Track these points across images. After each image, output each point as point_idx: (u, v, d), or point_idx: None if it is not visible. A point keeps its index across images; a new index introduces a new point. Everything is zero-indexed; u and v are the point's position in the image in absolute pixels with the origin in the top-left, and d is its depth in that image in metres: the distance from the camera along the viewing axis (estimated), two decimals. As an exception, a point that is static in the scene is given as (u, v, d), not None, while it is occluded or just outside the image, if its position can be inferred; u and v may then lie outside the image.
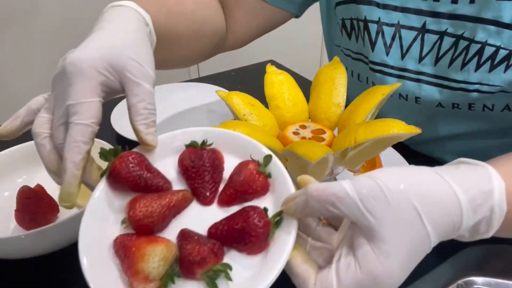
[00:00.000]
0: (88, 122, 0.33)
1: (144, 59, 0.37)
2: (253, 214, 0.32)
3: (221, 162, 0.37)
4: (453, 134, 0.59)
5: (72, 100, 0.33)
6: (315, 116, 0.54)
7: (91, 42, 0.36)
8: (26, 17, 1.18)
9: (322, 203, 0.30)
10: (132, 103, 0.35)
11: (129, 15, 0.41)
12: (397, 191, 0.29)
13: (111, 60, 0.35)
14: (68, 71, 0.34)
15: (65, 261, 0.48)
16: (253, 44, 0.70)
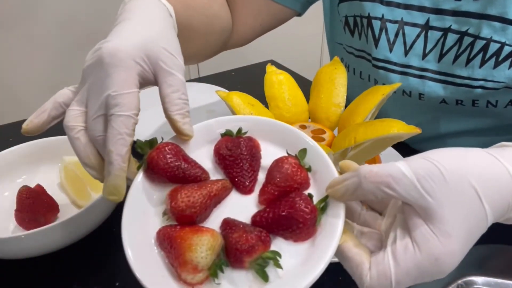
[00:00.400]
0: (130, 114, 0.32)
1: (176, 49, 0.37)
2: (299, 200, 0.31)
3: (258, 150, 0.36)
4: (455, 132, 0.59)
5: (112, 91, 0.32)
6: (315, 116, 0.54)
7: (124, 32, 0.35)
8: (26, 17, 1.18)
9: (377, 185, 0.29)
10: (166, 93, 0.34)
11: (154, 5, 0.41)
12: (455, 171, 0.28)
13: (146, 49, 0.34)
14: (105, 61, 0.33)
15: (65, 261, 0.48)
16: (253, 44, 0.70)
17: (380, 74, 0.59)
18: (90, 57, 0.34)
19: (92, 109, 0.33)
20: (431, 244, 0.28)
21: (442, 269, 0.28)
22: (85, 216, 0.46)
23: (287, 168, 0.34)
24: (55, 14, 1.21)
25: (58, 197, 0.53)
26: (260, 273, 0.30)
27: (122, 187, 0.33)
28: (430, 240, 0.28)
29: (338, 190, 0.31)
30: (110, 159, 0.32)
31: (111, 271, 0.46)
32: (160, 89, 0.35)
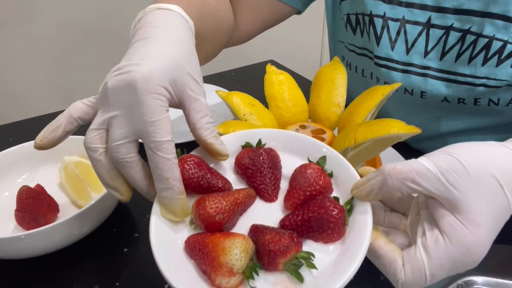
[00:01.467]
0: (170, 138, 0.32)
1: (199, 73, 0.37)
2: (327, 201, 0.32)
3: (278, 160, 0.38)
4: (456, 130, 0.59)
5: (149, 118, 0.32)
6: (315, 116, 0.54)
7: (152, 54, 0.34)
8: (26, 17, 1.18)
9: (402, 180, 0.29)
10: (196, 119, 0.35)
11: (178, 22, 0.39)
12: (476, 164, 0.29)
13: (174, 76, 0.34)
14: (139, 87, 0.32)
15: (65, 261, 0.48)
16: (253, 44, 0.70)
17: (382, 72, 0.59)
18: (115, 78, 0.33)
19: (119, 133, 0.33)
20: (461, 233, 0.29)
21: (474, 258, 0.29)
22: (85, 216, 0.46)
23: (311, 173, 0.34)
24: (55, 14, 1.21)
25: (58, 197, 0.53)
26: (295, 274, 0.30)
27: (187, 207, 0.33)
28: (459, 230, 0.29)
29: (363, 190, 0.32)
30: (169, 186, 0.32)
31: (111, 271, 0.46)
32: (189, 115, 0.35)
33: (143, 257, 0.48)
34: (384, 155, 0.55)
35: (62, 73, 1.29)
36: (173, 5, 0.40)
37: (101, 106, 0.34)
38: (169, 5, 0.40)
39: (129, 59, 0.34)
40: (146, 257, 0.48)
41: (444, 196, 0.29)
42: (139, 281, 0.45)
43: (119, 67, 0.33)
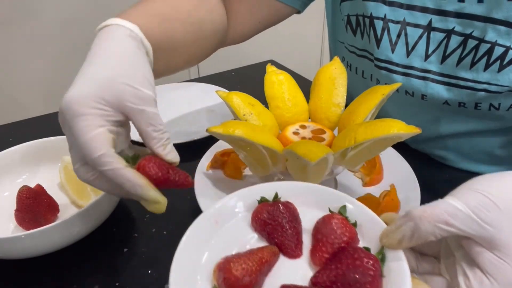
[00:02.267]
0: (102, 152, 0.34)
1: (141, 80, 0.37)
2: (360, 253, 0.31)
3: (297, 213, 0.36)
4: (456, 133, 0.59)
5: (79, 140, 0.34)
6: (315, 116, 0.54)
7: (82, 78, 0.36)
8: (26, 17, 1.18)
9: (434, 224, 0.29)
10: (141, 129, 0.36)
11: (120, 35, 0.40)
12: (503, 197, 0.29)
13: (104, 93, 0.35)
14: (65, 115, 0.34)
15: (65, 261, 0.48)
16: (253, 44, 0.70)
17: (382, 75, 0.59)
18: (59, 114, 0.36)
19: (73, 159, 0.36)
20: (505, 271, 0.29)
21: None
22: (85, 216, 0.46)
23: (335, 225, 0.33)
24: (55, 14, 1.21)
25: (58, 197, 0.53)
26: None
27: (157, 197, 0.36)
28: (502, 268, 0.29)
29: (394, 238, 0.31)
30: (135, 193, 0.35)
31: (111, 271, 0.46)
32: (136, 126, 0.37)
33: (143, 257, 0.48)
34: (384, 155, 0.55)
35: (63, 73, 1.29)
36: (117, 19, 0.41)
37: None
38: (112, 20, 0.41)
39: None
40: (146, 257, 0.48)
41: (479, 234, 0.29)
42: (139, 281, 0.45)
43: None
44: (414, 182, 0.54)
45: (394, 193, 0.50)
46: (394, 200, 0.49)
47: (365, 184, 0.56)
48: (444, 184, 0.59)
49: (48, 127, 0.73)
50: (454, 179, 0.60)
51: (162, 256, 0.48)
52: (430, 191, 0.55)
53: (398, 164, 0.58)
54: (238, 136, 0.43)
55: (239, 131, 0.43)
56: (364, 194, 0.53)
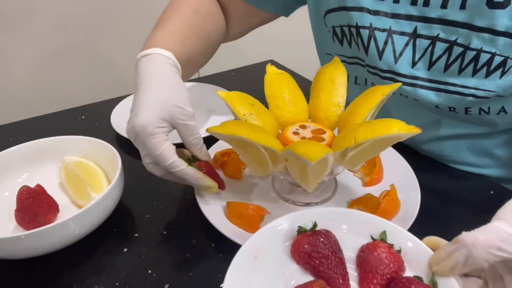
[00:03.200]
0: (172, 160, 0.47)
1: (184, 101, 0.48)
2: (415, 283, 0.30)
3: (338, 242, 0.35)
4: (453, 135, 0.59)
5: (154, 153, 0.46)
6: (315, 116, 0.54)
7: (146, 104, 0.46)
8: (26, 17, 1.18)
9: (488, 250, 0.29)
10: (185, 138, 0.49)
11: (163, 64, 0.50)
12: None
13: (164, 115, 0.46)
14: (140, 135, 0.46)
15: (65, 261, 0.48)
16: (253, 44, 0.70)
17: (375, 79, 0.59)
18: (127, 128, 0.47)
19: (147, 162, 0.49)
20: None
21: None
22: (85, 216, 0.46)
23: (382, 254, 0.33)
24: (55, 14, 1.21)
25: (58, 197, 0.53)
26: None
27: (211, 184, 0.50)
28: None
29: (446, 265, 0.31)
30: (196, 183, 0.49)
31: (111, 271, 0.46)
32: (181, 135, 0.49)
33: (143, 257, 0.48)
34: (384, 155, 0.55)
35: (62, 73, 1.29)
36: (155, 49, 0.51)
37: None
38: (151, 50, 0.51)
39: (132, 109, 0.47)
40: (146, 257, 0.48)
41: None
42: (139, 281, 0.45)
43: (128, 120, 0.47)
44: (414, 182, 0.54)
45: (394, 193, 0.50)
46: (394, 200, 0.49)
47: (365, 184, 0.56)
48: (444, 184, 0.59)
49: (48, 127, 0.73)
50: (454, 179, 0.60)
51: (162, 256, 0.48)
52: (430, 191, 0.55)
53: (398, 164, 0.58)
54: (238, 136, 0.43)
55: (239, 131, 0.43)
56: (364, 194, 0.53)
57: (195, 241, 0.49)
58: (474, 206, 0.54)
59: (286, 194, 0.55)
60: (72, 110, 0.80)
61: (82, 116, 0.78)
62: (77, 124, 0.75)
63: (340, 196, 0.54)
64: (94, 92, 1.32)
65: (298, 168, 0.45)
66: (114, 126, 0.69)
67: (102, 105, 0.81)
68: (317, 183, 0.46)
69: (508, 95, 0.50)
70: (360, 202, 0.52)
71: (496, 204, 0.36)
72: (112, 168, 0.54)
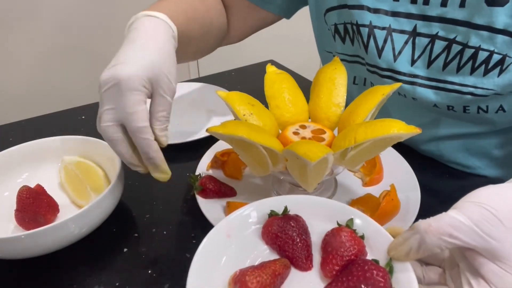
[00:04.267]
0: (146, 124, 0.43)
1: (173, 75, 0.45)
2: (370, 265, 0.32)
3: (307, 227, 0.37)
4: (452, 134, 0.59)
5: (130, 109, 0.42)
6: (315, 116, 0.54)
7: (135, 57, 0.43)
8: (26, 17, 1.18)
9: (439, 236, 0.31)
10: (155, 110, 0.44)
11: (161, 28, 0.48)
12: (504, 210, 0.31)
13: (150, 76, 0.43)
14: (122, 84, 0.41)
15: (65, 261, 0.48)
16: (253, 44, 0.70)
17: (375, 78, 0.59)
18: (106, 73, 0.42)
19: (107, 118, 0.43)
20: (508, 282, 0.30)
21: None
22: (85, 216, 0.46)
23: (344, 238, 0.34)
24: (55, 14, 1.21)
25: (58, 197, 0.53)
26: None
27: (167, 169, 0.46)
28: (505, 278, 0.30)
29: (402, 250, 0.33)
30: (150, 157, 0.44)
31: (111, 271, 0.46)
32: (151, 106, 0.44)
33: (143, 257, 0.48)
34: (384, 155, 0.55)
35: (62, 73, 1.29)
36: (160, 13, 0.49)
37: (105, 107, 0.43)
38: (156, 13, 0.48)
39: (116, 58, 0.43)
40: (146, 257, 0.48)
41: (482, 246, 0.30)
42: (139, 281, 0.45)
43: (109, 65, 0.42)
44: (414, 182, 0.54)
45: (394, 193, 0.50)
46: (394, 200, 0.49)
47: (365, 184, 0.56)
48: (443, 184, 0.59)
49: (48, 127, 0.73)
50: (454, 179, 0.60)
51: (162, 256, 0.48)
52: (430, 191, 0.55)
53: (398, 164, 0.58)
54: (238, 136, 0.43)
55: (239, 131, 0.43)
56: (364, 194, 0.53)
57: (195, 241, 0.49)
58: (474, 206, 0.54)
59: (286, 194, 0.55)
60: (72, 110, 0.80)
61: (82, 116, 0.78)
62: (77, 124, 0.75)
63: (340, 196, 0.54)
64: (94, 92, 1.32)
65: (298, 168, 0.45)
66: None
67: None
68: (317, 183, 0.46)
69: (506, 93, 0.50)
70: (360, 202, 0.52)
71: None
72: (112, 168, 0.54)
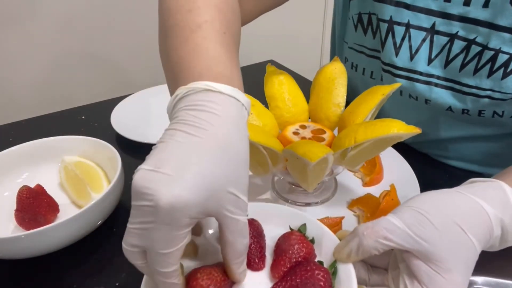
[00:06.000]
0: (174, 269, 0.30)
1: (244, 188, 0.32)
2: (312, 265, 0.33)
3: (261, 229, 0.39)
4: (458, 137, 0.59)
5: (159, 250, 0.29)
6: (315, 116, 0.54)
7: (189, 171, 0.28)
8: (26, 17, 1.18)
9: (375, 239, 0.33)
10: (228, 240, 0.32)
11: (231, 114, 0.32)
12: (438, 215, 0.33)
13: (208, 202, 0.29)
14: (160, 215, 0.28)
15: (65, 261, 0.48)
16: (253, 44, 0.70)
17: (387, 77, 0.58)
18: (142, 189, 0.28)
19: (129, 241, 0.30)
20: (437, 282, 0.32)
21: None
22: (85, 216, 0.46)
23: (294, 241, 0.36)
24: (55, 14, 1.21)
25: (58, 197, 0.53)
26: None
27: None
28: (435, 279, 0.32)
29: (343, 252, 0.35)
30: None
31: (111, 271, 0.46)
32: (222, 234, 0.32)
33: (143, 257, 0.48)
34: (384, 155, 0.55)
35: (62, 73, 1.29)
36: (235, 90, 0.33)
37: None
38: (221, 87, 0.32)
39: (160, 161, 0.29)
40: (146, 257, 0.48)
41: (416, 248, 0.32)
42: (139, 281, 0.45)
43: (148, 162, 0.29)
44: (414, 182, 0.54)
45: (394, 193, 0.50)
46: (394, 200, 0.49)
47: (365, 184, 0.56)
48: (444, 184, 0.59)
49: (48, 127, 0.73)
50: (454, 179, 0.60)
51: (162, 256, 0.48)
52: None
53: (398, 164, 0.58)
54: (238, 136, 0.43)
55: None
56: (364, 194, 0.53)
57: (195, 241, 0.49)
58: (474, 206, 0.54)
59: (286, 194, 0.55)
60: (72, 110, 0.80)
61: (82, 116, 0.78)
62: (77, 124, 0.75)
63: (340, 196, 0.54)
64: (94, 92, 1.32)
65: (298, 168, 0.45)
66: (114, 126, 0.69)
67: (102, 105, 0.81)
68: (317, 183, 0.47)
69: None
70: (360, 202, 0.52)
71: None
72: (112, 168, 0.54)
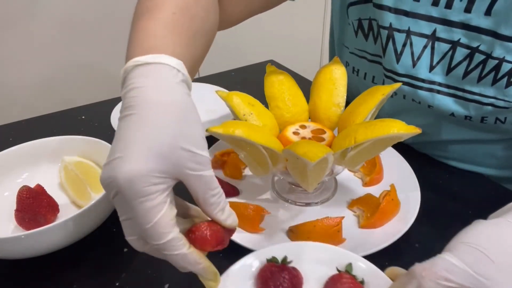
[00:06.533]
0: (171, 237, 0.31)
1: (198, 142, 0.32)
2: None
3: (300, 281, 0.38)
4: (459, 140, 0.59)
5: (143, 225, 0.31)
6: (315, 116, 0.54)
7: (136, 145, 0.30)
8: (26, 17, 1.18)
9: (436, 280, 0.31)
10: (199, 196, 0.33)
11: (169, 80, 0.34)
12: (496, 250, 0.32)
13: (164, 165, 0.30)
14: (125, 194, 0.30)
15: (65, 261, 0.48)
16: (253, 44, 0.70)
17: (390, 83, 0.57)
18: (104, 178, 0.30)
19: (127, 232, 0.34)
20: None
21: None
22: (85, 216, 0.46)
23: (344, 285, 0.35)
24: (55, 14, 1.21)
25: (58, 197, 0.53)
26: None
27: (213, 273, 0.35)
28: None
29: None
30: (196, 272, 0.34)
31: (111, 271, 0.46)
32: (192, 192, 0.33)
33: (143, 257, 0.48)
34: (384, 155, 0.55)
35: (62, 73, 1.29)
36: (161, 55, 0.35)
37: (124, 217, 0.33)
38: (155, 57, 0.34)
39: (112, 148, 0.31)
40: (146, 257, 0.48)
41: (476, 287, 0.31)
42: (139, 281, 0.45)
43: (106, 160, 0.31)
44: (414, 182, 0.54)
45: (394, 193, 0.50)
46: (394, 200, 0.49)
47: (365, 184, 0.56)
48: (444, 184, 0.59)
49: (48, 127, 0.73)
50: (454, 179, 0.60)
51: (162, 256, 0.48)
52: (430, 191, 0.55)
53: (398, 164, 0.58)
54: (238, 136, 0.43)
55: (239, 131, 0.43)
56: (364, 194, 0.53)
57: (195, 241, 0.49)
58: (474, 206, 0.54)
59: (286, 194, 0.55)
60: (72, 110, 0.80)
61: (82, 116, 0.78)
62: (77, 124, 0.75)
63: (340, 196, 0.54)
64: (94, 92, 1.32)
65: (298, 168, 0.45)
66: (114, 126, 0.69)
67: (102, 105, 0.81)
68: (317, 183, 0.46)
69: None
70: (360, 202, 0.52)
71: (496, 204, 0.36)
72: (112, 168, 0.54)
